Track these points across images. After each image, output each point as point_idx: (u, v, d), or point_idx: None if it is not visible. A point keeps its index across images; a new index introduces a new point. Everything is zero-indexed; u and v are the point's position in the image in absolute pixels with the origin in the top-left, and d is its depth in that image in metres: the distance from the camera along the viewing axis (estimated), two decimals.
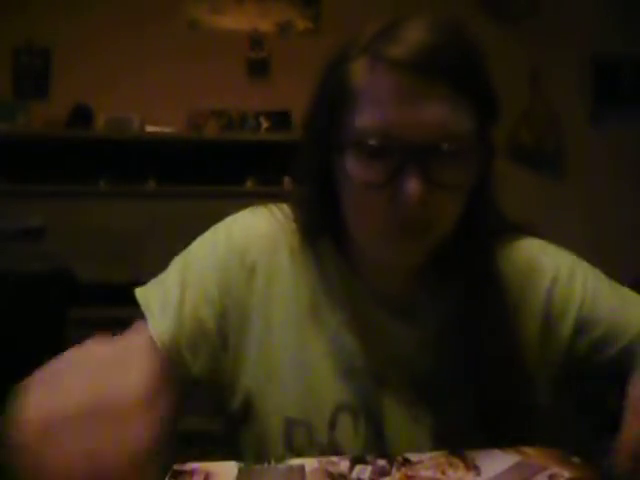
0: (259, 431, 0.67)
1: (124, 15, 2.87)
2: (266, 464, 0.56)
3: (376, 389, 0.66)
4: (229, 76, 2.92)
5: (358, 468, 0.55)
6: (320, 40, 2.89)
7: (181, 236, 0.70)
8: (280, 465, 0.56)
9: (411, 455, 0.57)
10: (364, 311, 0.67)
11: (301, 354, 0.66)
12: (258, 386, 0.67)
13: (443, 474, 0.53)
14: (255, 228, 0.69)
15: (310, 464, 0.55)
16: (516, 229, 0.72)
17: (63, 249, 2.45)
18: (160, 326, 0.63)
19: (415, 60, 0.54)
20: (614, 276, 0.70)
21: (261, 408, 0.67)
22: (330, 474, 0.54)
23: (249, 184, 2.75)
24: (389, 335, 0.67)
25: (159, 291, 0.66)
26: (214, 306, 0.66)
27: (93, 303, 2.28)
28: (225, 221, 0.71)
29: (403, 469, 0.54)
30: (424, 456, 0.57)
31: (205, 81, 2.87)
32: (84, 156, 2.70)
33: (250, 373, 0.67)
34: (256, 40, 2.96)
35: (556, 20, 3.00)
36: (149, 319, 0.63)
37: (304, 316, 0.67)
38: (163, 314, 0.63)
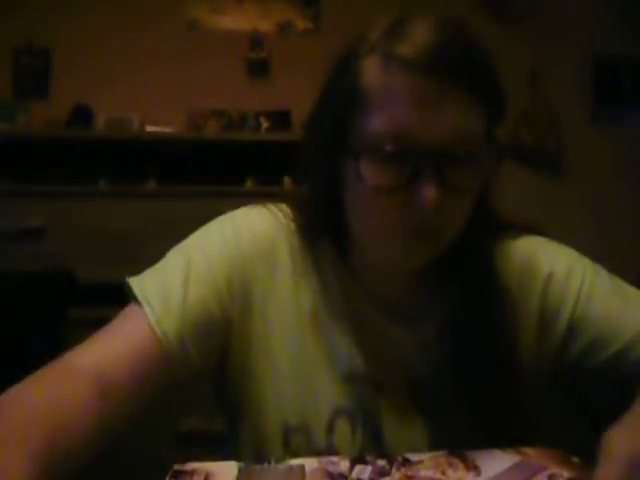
0: (257, 433, 0.67)
1: (124, 15, 2.87)
2: (266, 464, 0.56)
3: (374, 394, 0.65)
4: (229, 76, 2.92)
5: (358, 468, 0.55)
6: (320, 40, 2.89)
7: (181, 236, 0.69)
8: (280, 465, 0.56)
9: (411, 455, 0.57)
10: (363, 315, 0.66)
11: (299, 357, 0.66)
12: (257, 385, 0.66)
13: (443, 474, 0.53)
14: (257, 225, 0.68)
15: (310, 464, 0.55)
16: (515, 227, 0.71)
17: (63, 249, 2.45)
18: (162, 318, 0.60)
19: (429, 61, 0.53)
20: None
21: (259, 409, 0.66)
22: (330, 474, 0.54)
23: (249, 184, 2.74)
24: (388, 339, 0.66)
25: (157, 282, 0.63)
26: (220, 297, 0.64)
27: (93, 303, 2.28)
28: (228, 215, 0.69)
29: (403, 469, 0.54)
30: (424, 456, 0.57)
31: (205, 81, 2.87)
32: (84, 156, 2.69)
33: (251, 370, 0.66)
34: (256, 40, 2.96)
35: (556, 20, 3.00)
36: (148, 311, 0.61)
37: (303, 319, 0.66)
38: (165, 306, 0.61)
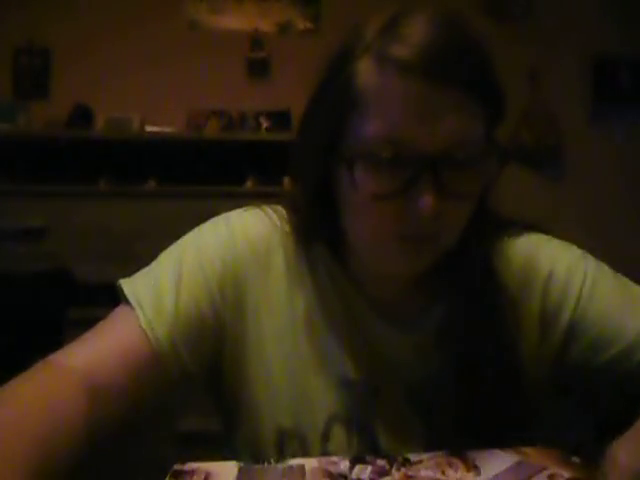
0: (252, 438, 0.66)
1: (124, 15, 2.87)
2: (266, 464, 0.56)
3: (370, 399, 0.64)
4: (229, 76, 2.92)
5: (358, 468, 0.55)
6: (320, 40, 2.88)
7: (181, 236, 0.69)
8: (280, 465, 0.56)
9: (411, 455, 0.57)
10: (359, 318, 0.65)
11: (293, 361, 0.65)
12: (251, 389, 0.65)
13: (443, 474, 0.53)
14: (251, 227, 0.67)
15: (310, 464, 0.55)
16: (516, 225, 0.70)
17: (63, 249, 2.45)
18: (154, 320, 0.60)
19: (425, 63, 0.51)
20: None
21: (253, 413, 0.65)
22: (330, 474, 0.54)
23: (249, 184, 2.74)
24: (384, 343, 0.65)
25: (149, 284, 0.62)
26: (213, 299, 0.63)
27: (93, 303, 2.27)
28: (222, 216, 0.68)
29: (403, 469, 0.54)
30: (424, 456, 0.57)
31: (205, 81, 2.87)
32: (84, 156, 2.69)
33: (245, 374, 0.65)
34: (256, 40, 2.95)
35: (556, 20, 3.00)
36: (139, 313, 0.60)
37: (297, 322, 0.65)
38: (157, 308, 0.60)
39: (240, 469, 0.54)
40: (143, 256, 0.68)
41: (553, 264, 0.66)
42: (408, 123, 0.52)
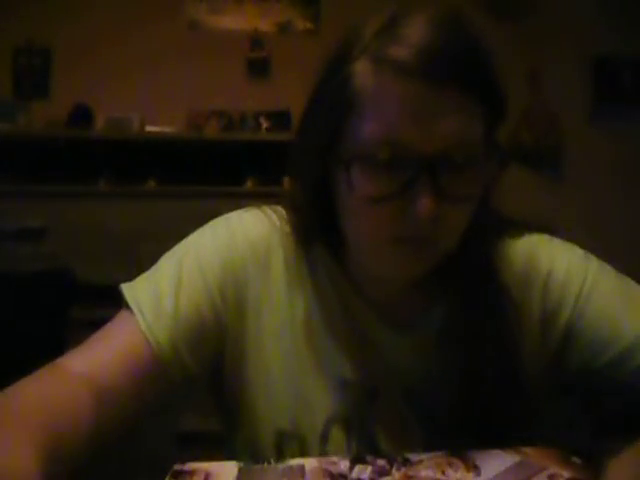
0: (251, 439, 0.66)
1: (124, 15, 2.87)
2: (266, 464, 0.56)
3: (369, 401, 0.64)
4: (229, 76, 2.92)
5: (358, 468, 0.55)
6: (320, 40, 2.89)
7: (181, 236, 0.69)
8: (280, 465, 0.56)
9: (411, 455, 0.57)
10: (358, 320, 0.65)
11: (292, 363, 0.65)
12: (250, 390, 0.65)
13: (443, 474, 0.53)
14: (251, 228, 0.67)
15: (310, 464, 0.55)
16: (518, 225, 0.69)
17: (63, 249, 2.45)
18: (154, 324, 0.60)
19: (424, 65, 0.50)
20: None
21: (253, 414, 0.65)
22: (330, 474, 0.54)
23: (249, 184, 2.74)
24: (384, 345, 0.65)
25: (149, 288, 0.62)
26: (213, 302, 0.63)
27: (93, 303, 2.27)
28: (222, 218, 0.68)
29: (403, 469, 0.54)
30: (424, 456, 0.57)
31: (205, 81, 2.87)
32: (84, 156, 2.70)
33: (244, 376, 0.65)
34: (256, 40, 2.96)
35: (556, 20, 3.00)
36: (140, 318, 0.60)
37: (296, 324, 0.65)
38: (157, 312, 0.60)
39: (240, 469, 0.54)
40: (143, 256, 0.68)
41: (553, 263, 0.65)
42: (405, 124, 0.51)
